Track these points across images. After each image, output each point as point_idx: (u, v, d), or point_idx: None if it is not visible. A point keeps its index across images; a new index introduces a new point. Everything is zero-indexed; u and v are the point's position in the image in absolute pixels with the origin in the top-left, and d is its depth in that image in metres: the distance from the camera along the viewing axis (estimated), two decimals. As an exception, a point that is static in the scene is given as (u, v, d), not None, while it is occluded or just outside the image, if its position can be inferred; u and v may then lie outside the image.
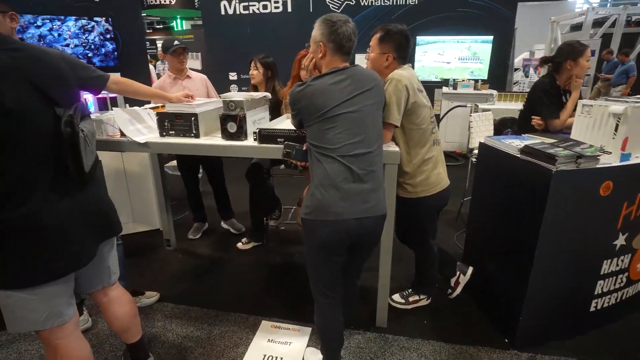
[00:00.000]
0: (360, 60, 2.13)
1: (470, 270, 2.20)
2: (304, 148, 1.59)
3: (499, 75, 5.80)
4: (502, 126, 3.95)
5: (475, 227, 2.27)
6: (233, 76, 6.26)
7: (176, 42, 2.72)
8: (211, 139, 1.93)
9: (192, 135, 1.94)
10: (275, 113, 2.50)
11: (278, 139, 1.78)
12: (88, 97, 2.87)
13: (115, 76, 1.95)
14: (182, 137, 1.95)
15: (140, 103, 2.60)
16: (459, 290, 2.21)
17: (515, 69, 7.12)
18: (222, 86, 5.99)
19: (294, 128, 1.72)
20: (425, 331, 2.02)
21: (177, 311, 2.18)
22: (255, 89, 2.83)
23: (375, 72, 1.56)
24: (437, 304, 2.22)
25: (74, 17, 3.30)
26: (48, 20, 3.21)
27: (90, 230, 1.24)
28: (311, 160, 1.45)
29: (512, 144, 1.82)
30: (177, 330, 2.03)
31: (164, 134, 1.96)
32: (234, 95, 1.97)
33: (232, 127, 1.88)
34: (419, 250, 2.10)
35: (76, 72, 1.77)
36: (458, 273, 2.22)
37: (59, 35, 3.10)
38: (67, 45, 3.17)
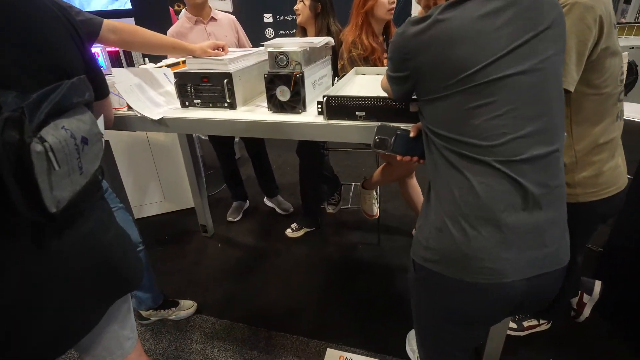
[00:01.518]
0: None
1: (598, 287, 1.60)
2: (412, 134, 0.95)
3: None
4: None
5: (630, 223, 1.57)
6: (268, 18, 5.42)
7: None
8: (253, 112, 1.32)
9: (226, 105, 1.35)
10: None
11: (357, 113, 1.15)
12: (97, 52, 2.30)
13: (112, 22, 1.35)
14: (211, 107, 1.36)
15: (160, 58, 2.00)
16: (586, 312, 1.62)
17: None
18: (255, 31, 5.19)
19: (382, 95, 1.08)
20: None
21: (219, 328, 1.74)
22: (304, 32, 2.14)
23: None
24: (559, 329, 1.64)
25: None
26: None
27: (80, 298, 0.73)
28: (433, 162, 0.81)
29: None
30: (221, 357, 1.60)
31: (187, 103, 1.38)
32: (284, 42, 1.32)
33: (284, 94, 1.25)
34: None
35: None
36: (580, 292, 1.62)
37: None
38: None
